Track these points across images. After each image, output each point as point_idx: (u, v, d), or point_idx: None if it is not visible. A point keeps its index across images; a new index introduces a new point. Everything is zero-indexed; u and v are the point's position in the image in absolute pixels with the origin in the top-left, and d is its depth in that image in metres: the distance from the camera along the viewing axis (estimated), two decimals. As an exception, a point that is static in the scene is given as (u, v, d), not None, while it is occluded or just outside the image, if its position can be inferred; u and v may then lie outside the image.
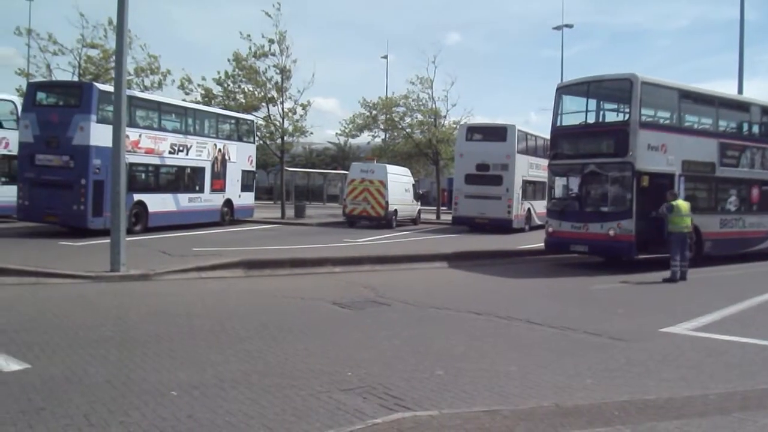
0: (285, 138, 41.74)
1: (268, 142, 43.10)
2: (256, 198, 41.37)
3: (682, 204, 20.70)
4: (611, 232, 21.73)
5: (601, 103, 25.04)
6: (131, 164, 26.38)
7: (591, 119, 24.41)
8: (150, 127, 29.61)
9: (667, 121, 24.56)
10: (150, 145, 29.05)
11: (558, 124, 24.85)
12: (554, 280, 20.62)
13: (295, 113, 41.46)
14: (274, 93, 40.81)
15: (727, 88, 35.98)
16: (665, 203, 20.61)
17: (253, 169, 38.76)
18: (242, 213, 37.10)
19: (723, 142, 25.37)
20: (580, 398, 8.09)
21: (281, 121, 41.06)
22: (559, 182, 25.01)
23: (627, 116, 22.57)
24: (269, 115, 41.25)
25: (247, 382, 8.32)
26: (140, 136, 28.39)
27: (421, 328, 12.32)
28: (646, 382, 9.02)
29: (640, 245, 21.94)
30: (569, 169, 24.35)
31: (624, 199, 21.97)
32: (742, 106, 27.61)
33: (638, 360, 10.30)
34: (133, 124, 27.38)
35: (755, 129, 27.52)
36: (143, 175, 29.58)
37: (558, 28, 57.80)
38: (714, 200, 25.21)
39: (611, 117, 24.61)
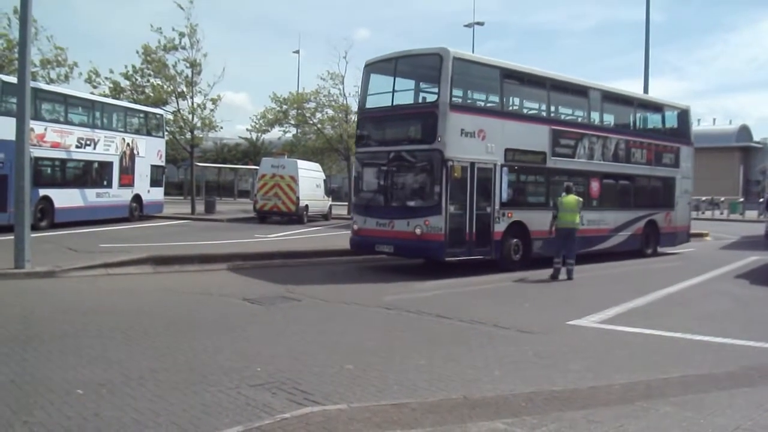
0: (194, 133, 41.29)
1: (177, 137, 42.50)
2: (166, 193, 40.95)
3: (567, 200, 19.77)
4: (418, 231, 18.98)
5: (411, 82, 22.19)
6: (37, 158, 25.91)
7: (400, 100, 21.22)
8: (56, 121, 28.99)
9: (490, 104, 22.20)
10: (56, 138, 28.47)
11: (365, 106, 22.07)
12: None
13: (204, 108, 41.09)
14: (183, 87, 40.33)
15: (633, 87, 36.57)
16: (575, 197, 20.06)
17: (163, 163, 38.34)
18: (151, 208, 36.60)
19: (556, 129, 22.92)
20: (488, 390, 8.19)
21: (191, 115, 40.59)
22: (366, 173, 21.95)
23: (436, 97, 19.62)
24: (179, 110, 40.76)
25: (154, 379, 8.22)
26: (46, 129, 27.79)
27: (331, 324, 12.35)
28: (552, 373, 9.17)
29: (454, 245, 19.25)
30: (375, 158, 21.44)
31: (432, 192, 19.10)
32: (580, 90, 24.76)
33: (545, 352, 10.46)
34: (38, 117, 26.76)
35: (595, 116, 25.40)
36: (49, 170, 29.00)
37: (469, 25, 58.19)
38: (545, 194, 22.42)
39: (421, 98, 21.57)
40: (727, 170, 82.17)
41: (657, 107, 29.29)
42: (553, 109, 23.95)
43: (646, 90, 34.98)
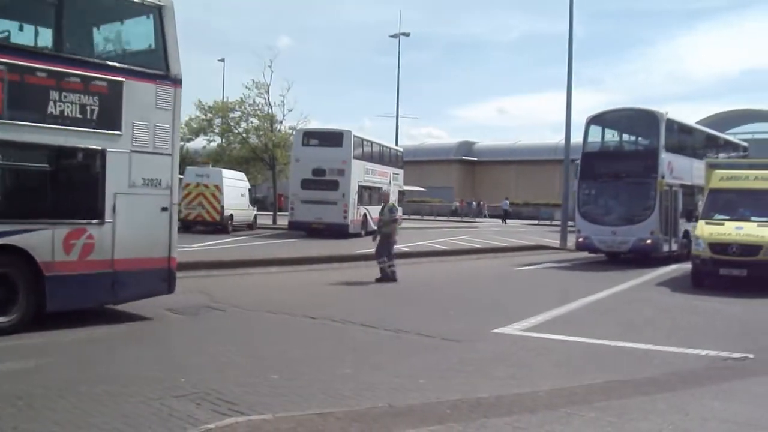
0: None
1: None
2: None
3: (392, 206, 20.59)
4: None
5: None
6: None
7: None
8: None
9: None
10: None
11: None
12: None
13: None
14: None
15: (557, 100, 36.24)
16: (389, 206, 20.54)
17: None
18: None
19: None
20: (413, 398, 8.19)
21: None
22: None
23: None
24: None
25: (75, 391, 8.05)
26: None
27: (256, 333, 12.30)
28: (477, 381, 9.23)
29: None
30: None
31: None
32: None
33: (470, 360, 10.54)
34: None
35: None
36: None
37: (395, 36, 58.64)
38: None
39: None
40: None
41: None
42: None
43: (569, 103, 34.98)
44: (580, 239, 28.09)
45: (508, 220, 65.96)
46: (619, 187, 27.58)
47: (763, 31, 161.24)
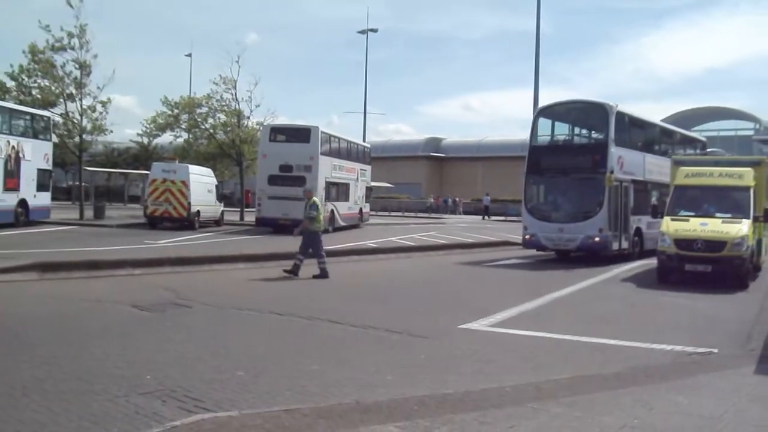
0: (84, 136, 40.28)
1: (66, 140, 41.35)
2: (54, 198, 39.97)
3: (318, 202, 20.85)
4: None
5: None
6: None
7: None
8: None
9: None
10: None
11: None
12: None
13: (94, 111, 40.04)
14: (72, 89, 39.22)
15: (524, 97, 36.56)
16: (311, 202, 20.47)
17: (50, 168, 37.27)
18: (38, 214, 35.55)
19: None
20: (380, 394, 8.20)
21: (80, 118, 39.58)
22: None
23: None
24: (67, 112, 39.64)
25: (40, 389, 7.99)
26: None
27: (222, 330, 12.22)
28: (445, 376, 9.25)
29: None
30: None
31: None
32: None
33: (437, 356, 10.57)
34: None
35: None
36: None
37: (362, 32, 58.66)
38: None
39: None
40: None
41: None
42: None
43: (536, 99, 35.37)
44: (527, 236, 27.10)
45: (488, 216, 66.41)
46: (567, 182, 26.84)
47: (727, 30, 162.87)
